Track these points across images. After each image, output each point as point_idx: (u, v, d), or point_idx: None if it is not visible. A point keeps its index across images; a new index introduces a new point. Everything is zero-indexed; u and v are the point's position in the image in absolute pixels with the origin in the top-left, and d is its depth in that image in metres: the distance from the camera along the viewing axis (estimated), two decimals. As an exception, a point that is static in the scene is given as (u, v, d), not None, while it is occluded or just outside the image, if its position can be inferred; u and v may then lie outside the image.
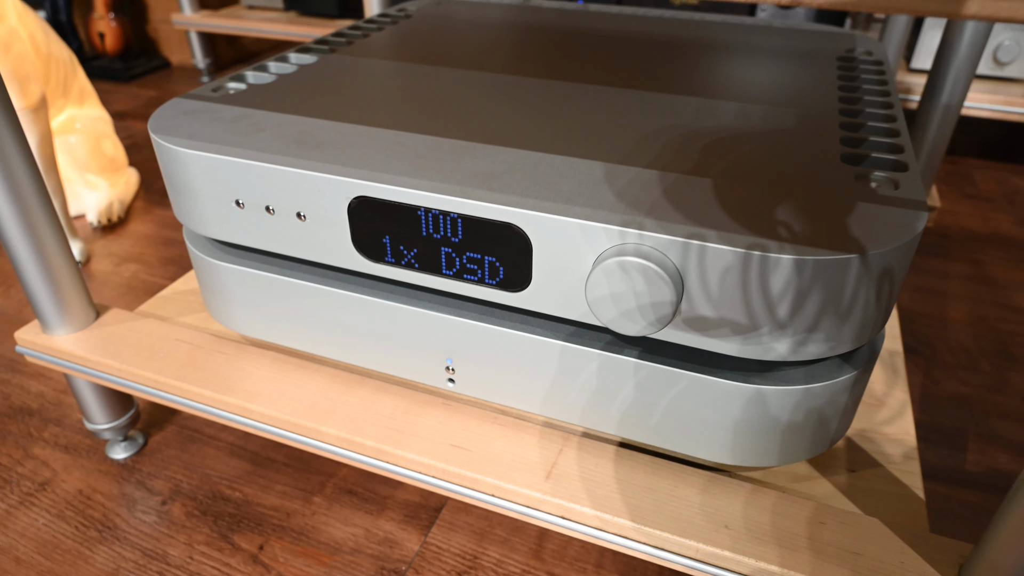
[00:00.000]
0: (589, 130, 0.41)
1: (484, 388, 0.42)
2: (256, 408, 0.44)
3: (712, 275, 0.32)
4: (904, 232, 0.32)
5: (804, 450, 0.38)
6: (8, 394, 0.64)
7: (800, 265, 0.30)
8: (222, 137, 0.41)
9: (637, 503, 0.38)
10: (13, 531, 0.52)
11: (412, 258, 0.38)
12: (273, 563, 0.50)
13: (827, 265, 0.30)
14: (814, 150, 0.39)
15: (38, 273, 0.47)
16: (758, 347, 0.33)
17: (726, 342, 0.34)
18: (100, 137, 0.88)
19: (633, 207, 0.33)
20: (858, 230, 0.32)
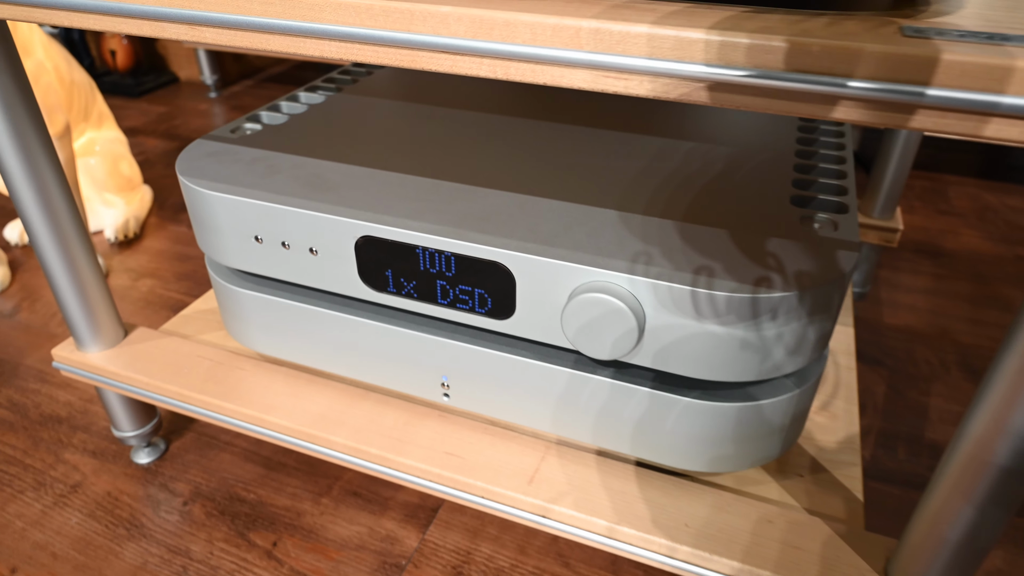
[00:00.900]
0: (568, 172, 0.47)
1: (475, 402, 0.47)
2: (271, 419, 0.50)
3: (668, 309, 0.37)
4: (834, 272, 0.37)
5: (757, 458, 0.43)
6: (39, 403, 0.70)
7: (740, 302, 0.36)
8: (242, 179, 0.46)
9: (609, 504, 0.43)
10: (49, 529, 0.57)
11: (411, 289, 0.43)
12: (285, 558, 0.55)
13: (763, 302, 0.36)
14: (768, 192, 0.44)
15: (74, 297, 0.52)
16: (712, 370, 0.39)
17: (683, 365, 0.39)
18: (118, 158, 0.93)
19: (602, 248, 0.39)
20: (794, 269, 0.37)
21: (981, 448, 0.32)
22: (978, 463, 0.32)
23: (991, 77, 0.22)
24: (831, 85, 0.24)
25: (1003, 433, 0.31)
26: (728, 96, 0.26)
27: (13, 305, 0.84)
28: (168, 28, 0.34)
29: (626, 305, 0.37)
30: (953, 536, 0.35)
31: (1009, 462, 0.31)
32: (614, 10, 0.27)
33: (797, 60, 0.24)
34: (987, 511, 0.33)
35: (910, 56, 0.23)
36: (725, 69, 0.25)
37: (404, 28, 0.29)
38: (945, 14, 0.29)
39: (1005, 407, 0.30)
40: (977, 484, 0.33)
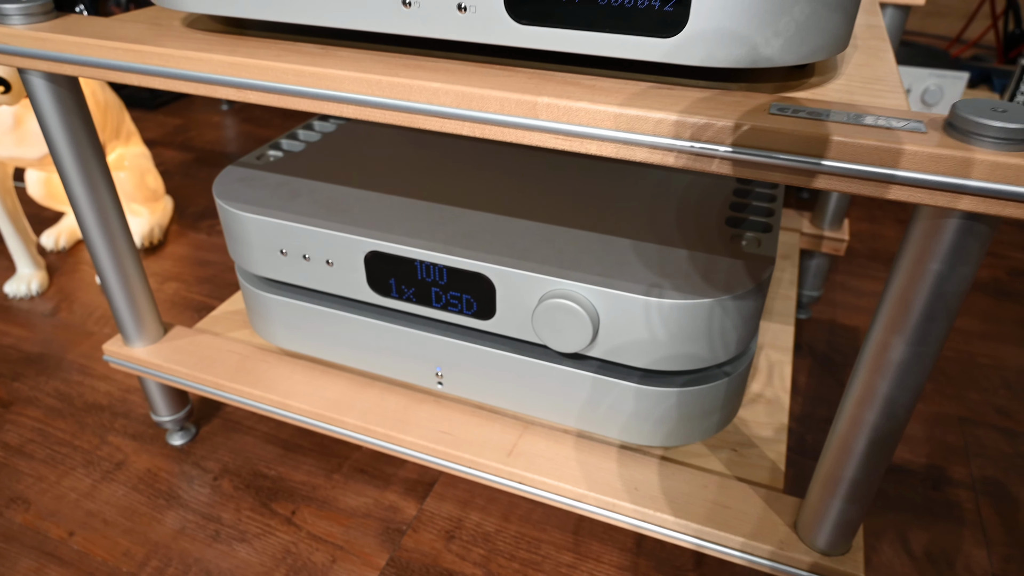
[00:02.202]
0: (541, 197, 0.56)
1: (464, 389, 0.56)
2: (292, 403, 0.59)
3: (617, 312, 0.46)
4: (752, 281, 0.46)
5: (696, 435, 0.52)
6: (82, 393, 0.79)
7: (675, 306, 0.45)
8: (269, 202, 0.55)
9: (574, 473, 0.52)
10: (99, 500, 0.66)
11: (411, 294, 0.52)
12: (303, 524, 0.64)
13: (694, 306, 0.45)
14: (708, 215, 0.53)
15: (124, 301, 0.61)
16: (654, 361, 0.48)
17: (631, 357, 0.48)
18: (144, 172, 1.02)
19: (566, 262, 0.48)
20: (721, 278, 0.46)
21: (853, 423, 0.41)
22: (851, 435, 0.41)
23: (818, 146, 0.31)
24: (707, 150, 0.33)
25: (868, 409, 0.40)
26: (633, 151, 0.35)
27: (53, 306, 0.93)
28: (219, 90, 0.43)
29: (583, 308, 0.46)
30: (839, 493, 0.44)
31: (873, 433, 0.40)
32: (561, 87, 0.36)
33: (684, 131, 0.33)
34: (860, 472, 0.42)
35: (766, 130, 0.32)
36: (633, 135, 0.34)
37: (404, 98, 0.38)
38: (816, 87, 0.38)
39: (868, 388, 0.39)
40: (851, 451, 0.42)
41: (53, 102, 0.51)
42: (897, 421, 0.40)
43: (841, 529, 0.45)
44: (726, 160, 0.33)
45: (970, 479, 0.69)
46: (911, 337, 0.36)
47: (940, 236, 0.33)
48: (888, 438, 0.40)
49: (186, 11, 0.47)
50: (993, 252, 1.07)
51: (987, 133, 0.30)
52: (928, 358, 0.37)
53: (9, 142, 0.82)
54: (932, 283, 0.34)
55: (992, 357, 0.85)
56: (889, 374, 0.38)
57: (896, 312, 0.36)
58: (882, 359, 0.38)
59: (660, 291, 0.45)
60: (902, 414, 0.39)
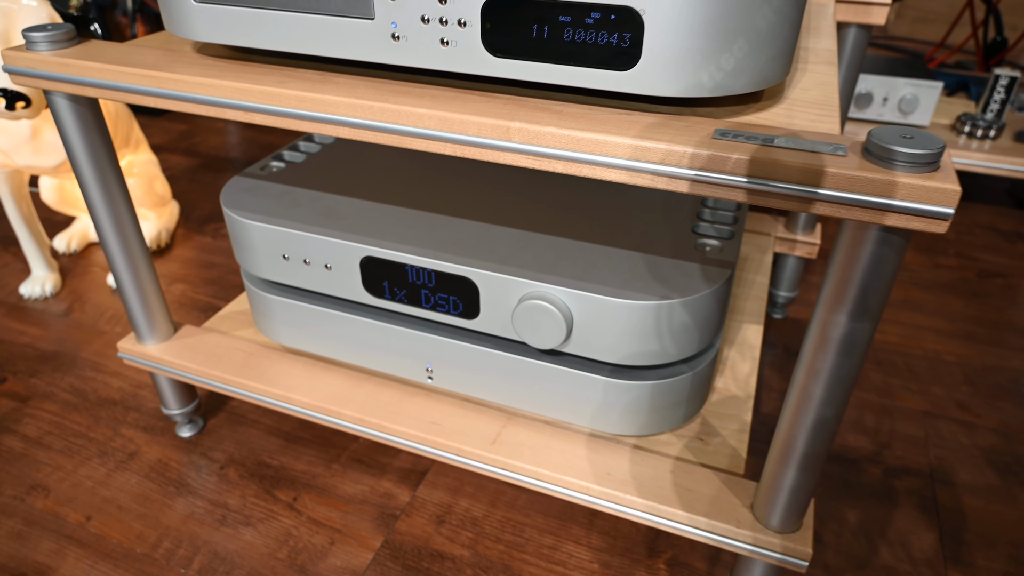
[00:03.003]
0: (521, 206, 0.60)
1: (452, 383, 0.61)
2: (294, 396, 0.63)
3: (589, 312, 0.51)
4: (712, 283, 0.51)
5: (664, 425, 0.57)
6: (96, 388, 0.84)
7: (641, 307, 0.49)
8: (273, 211, 0.60)
9: (551, 459, 0.57)
10: (114, 487, 0.71)
11: (402, 296, 0.57)
12: (304, 509, 0.69)
13: (659, 307, 0.49)
14: (676, 223, 0.58)
15: (137, 301, 0.66)
16: (623, 357, 0.52)
17: (602, 353, 0.53)
18: (152, 179, 1.07)
19: (543, 266, 0.53)
20: (683, 281, 0.51)
21: (796, 413, 0.46)
22: (795, 424, 0.46)
23: (750, 167, 0.36)
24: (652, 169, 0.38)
25: (808, 400, 0.44)
26: (594, 170, 0.39)
27: (66, 307, 0.98)
28: (227, 112, 0.47)
29: (558, 309, 0.51)
30: (788, 474, 0.48)
31: (813, 422, 0.45)
32: (532, 112, 0.41)
33: (635, 153, 0.38)
34: (805, 454, 0.47)
35: (707, 153, 0.37)
36: (590, 155, 0.39)
37: (393, 122, 0.43)
38: (761, 111, 0.43)
39: (808, 379, 0.44)
40: (797, 433, 0.46)
41: (75, 120, 0.56)
42: (836, 400, 0.44)
43: (792, 509, 0.50)
44: (670, 178, 0.38)
45: (928, 468, 0.74)
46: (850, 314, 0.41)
47: (862, 243, 0.38)
48: (828, 417, 0.45)
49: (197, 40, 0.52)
50: (964, 255, 1.12)
51: (897, 157, 0.35)
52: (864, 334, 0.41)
53: (27, 151, 0.87)
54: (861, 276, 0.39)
55: (957, 355, 0.90)
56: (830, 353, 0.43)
57: (834, 295, 0.41)
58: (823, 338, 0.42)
59: (627, 293, 0.50)
60: (841, 393, 0.44)
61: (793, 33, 0.40)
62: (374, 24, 0.43)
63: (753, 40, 0.38)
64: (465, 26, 0.41)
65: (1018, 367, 0.88)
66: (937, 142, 0.35)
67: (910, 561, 0.64)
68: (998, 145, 1.14)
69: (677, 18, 0.37)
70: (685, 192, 0.39)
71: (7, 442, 0.76)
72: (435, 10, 0.41)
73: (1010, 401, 0.82)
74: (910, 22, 2.28)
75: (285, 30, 0.46)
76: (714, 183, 0.37)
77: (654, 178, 0.38)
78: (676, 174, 0.38)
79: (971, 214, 1.24)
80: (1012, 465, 0.74)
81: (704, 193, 0.38)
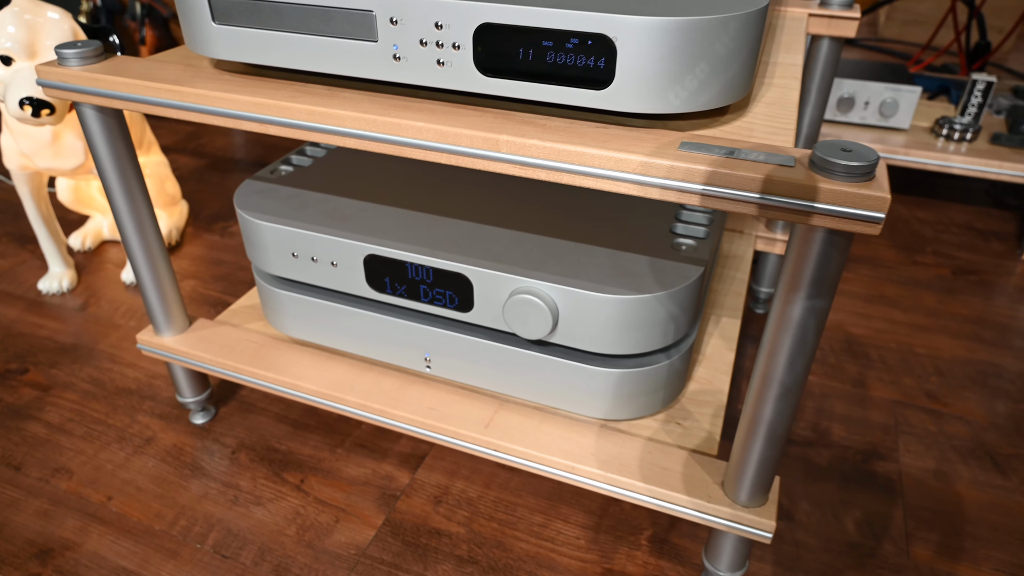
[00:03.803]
0: (513, 207, 0.65)
1: (449, 371, 0.66)
2: (302, 384, 0.68)
3: (573, 306, 0.56)
4: (684, 279, 0.56)
5: (644, 409, 0.62)
6: (113, 378, 0.89)
7: (620, 300, 0.54)
8: (283, 212, 0.65)
9: (539, 441, 0.62)
10: (132, 470, 0.76)
11: (402, 291, 0.62)
12: (310, 490, 0.74)
13: (636, 300, 0.54)
14: (657, 224, 0.63)
15: (156, 295, 0.71)
16: (606, 347, 0.57)
17: (586, 343, 0.58)
18: (163, 180, 1.12)
19: (532, 263, 0.57)
20: (659, 277, 0.56)
21: (760, 391, 0.50)
22: (759, 402, 0.51)
23: (708, 177, 0.41)
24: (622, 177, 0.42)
25: (768, 386, 0.49)
26: (573, 178, 0.44)
27: (82, 302, 1.03)
28: (244, 124, 0.52)
29: (545, 302, 0.56)
30: (753, 453, 0.53)
31: (775, 398, 0.50)
32: (519, 126, 0.46)
33: (606, 163, 0.43)
34: (767, 436, 0.52)
35: (672, 164, 0.41)
36: (569, 165, 0.43)
37: (394, 134, 0.48)
38: (725, 124, 0.47)
39: (770, 359, 0.49)
40: (759, 417, 0.51)
41: (101, 128, 0.61)
42: (795, 379, 0.49)
43: (758, 485, 0.55)
44: (640, 185, 0.43)
45: (897, 453, 0.78)
46: (804, 301, 0.46)
47: (810, 242, 0.43)
48: (788, 392, 0.50)
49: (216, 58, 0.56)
50: (941, 253, 1.17)
51: (836, 168, 0.40)
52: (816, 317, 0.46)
53: (48, 154, 0.91)
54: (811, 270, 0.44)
55: (929, 347, 0.95)
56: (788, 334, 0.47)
57: (789, 285, 0.46)
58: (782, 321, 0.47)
59: (608, 288, 0.55)
60: (799, 370, 0.49)
61: (751, 56, 0.45)
62: (378, 46, 0.48)
63: (714, 63, 0.43)
64: (459, 49, 0.46)
65: (986, 359, 0.93)
66: (871, 155, 0.40)
67: (874, 538, 0.69)
68: (974, 147, 1.19)
69: (645, 45, 0.42)
70: (655, 198, 0.43)
71: (31, 428, 0.81)
72: (432, 34, 0.46)
73: (976, 391, 0.87)
74: (900, 24, 2.33)
75: (297, 50, 0.51)
76: (677, 190, 0.42)
77: (626, 185, 0.43)
78: (645, 182, 0.43)
79: (950, 213, 1.29)
80: (974, 450, 0.79)
81: (669, 199, 0.43)
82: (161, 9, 1.63)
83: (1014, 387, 0.88)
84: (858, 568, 0.66)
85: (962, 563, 0.67)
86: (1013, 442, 0.80)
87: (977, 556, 0.67)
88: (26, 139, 0.90)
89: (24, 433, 0.81)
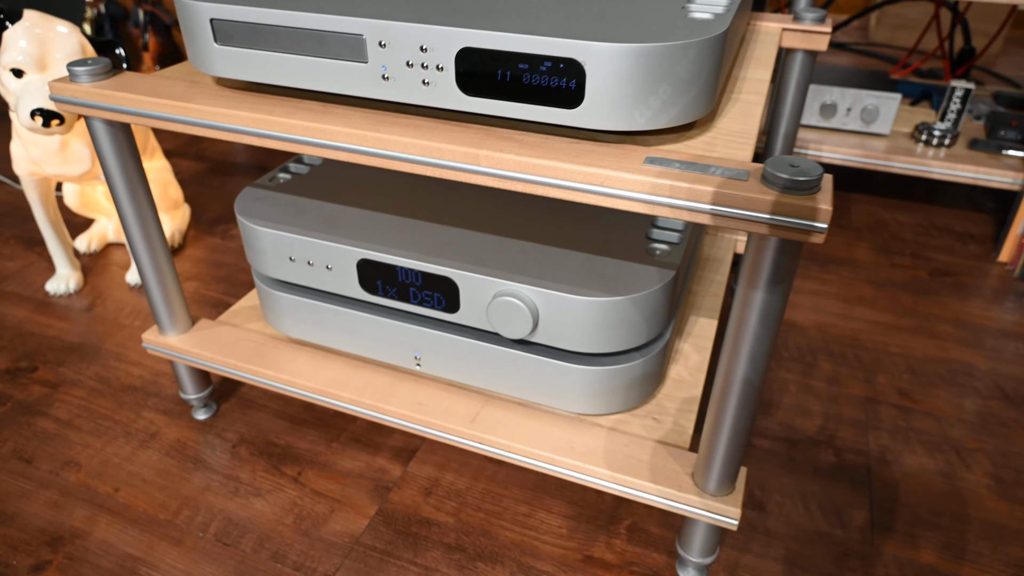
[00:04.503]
0: (497, 215, 0.69)
1: (438, 369, 0.70)
2: (299, 381, 0.72)
3: (552, 307, 0.60)
4: (656, 282, 0.60)
5: (620, 405, 0.66)
6: (119, 376, 0.92)
7: (592, 303, 0.58)
8: (281, 219, 0.69)
9: (522, 434, 0.65)
10: (138, 463, 0.80)
11: (393, 293, 0.66)
12: (307, 482, 0.78)
13: (610, 302, 0.58)
14: (634, 230, 0.67)
15: (161, 297, 0.75)
16: (583, 345, 0.61)
17: (565, 342, 0.61)
18: (167, 184, 1.16)
19: (513, 267, 0.61)
20: (631, 280, 0.59)
21: (722, 394, 0.54)
22: (722, 403, 0.55)
23: (668, 190, 0.45)
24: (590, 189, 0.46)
25: (731, 382, 0.53)
26: (547, 190, 0.48)
27: (88, 303, 1.07)
28: (244, 138, 0.56)
29: (525, 304, 0.59)
30: (719, 446, 0.57)
31: (737, 401, 0.54)
32: (497, 141, 0.50)
33: (575, 176, 0.46)
34: (732, 428, 0.55)
35: (637, 180, 0.45)
36: (542, 178, 0.47)
37: (383, 148, 0.51)
38: (690, 139, 0.51)
39: (732, 353, 0.53)
40: (724, 411, 0.55)
41: (109, 140, 0.64)
42: (756, 373, 0.53)
43: (724, 475, 0.59)
44: (608, 197, 0.46)
45: (866, 447, 0.82)
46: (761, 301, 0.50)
47: (764, 249, 0.46)
48: (749, 388, 0.54)
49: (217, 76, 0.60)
50: (919, 255, 1.20)
51: (784, 183, 0.43)
52: (772, 315, 0.50)
53: (56, 161, 0.95)
54: (766, 273, 0.48)
55: (903, 347, 0.99)
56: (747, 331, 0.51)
57: (747, 286, 0.50)
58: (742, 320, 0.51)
59: (585, 291, 0.59)
60: (759, 365, 0.52)
61: (712, 77, 0.49)
62: (368, 67, 0.52)
63: (675, 85, 0.47)
64: (442, 70, 0.50)
65: (957, 358, 0.97)
66: (815, 171, 0.43)
67: (842, 527, 0.73)
68: (952, 153, 1.23)
69: (612, 69, 0.45)
70: (622, 208, 0.47)
71: (41, 424, 0.85)
72: (417, 57, 0.50)
73: (945, 388, 0.91)
74: (890, 28, 2.37)
75: (293, 69, 0.54)
76: (640, 201, 0.46)
77: (595, 197, 0.47)
78: (611, 194, 0.46)
79: (930, 216, 1.33)
80: (941, 445, 0.83)
81: (634, 209, 0.47)
82: (163, 16, 1.67)
83: (982, 385, 0.92)
84: (825, 555, 0.70)
85: (923, 550, 0.70)
86: (978, 437, 0.84)
87: (936, 543, 0.71)
88: (35, 147, 0.94)
89: (34, 428, 0.84)
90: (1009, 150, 1.23)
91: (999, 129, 1.26)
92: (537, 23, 0.48)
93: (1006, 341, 1.00)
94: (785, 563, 0.69)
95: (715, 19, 0.50)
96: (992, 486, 0.77)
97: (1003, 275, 1.15)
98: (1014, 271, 1.15)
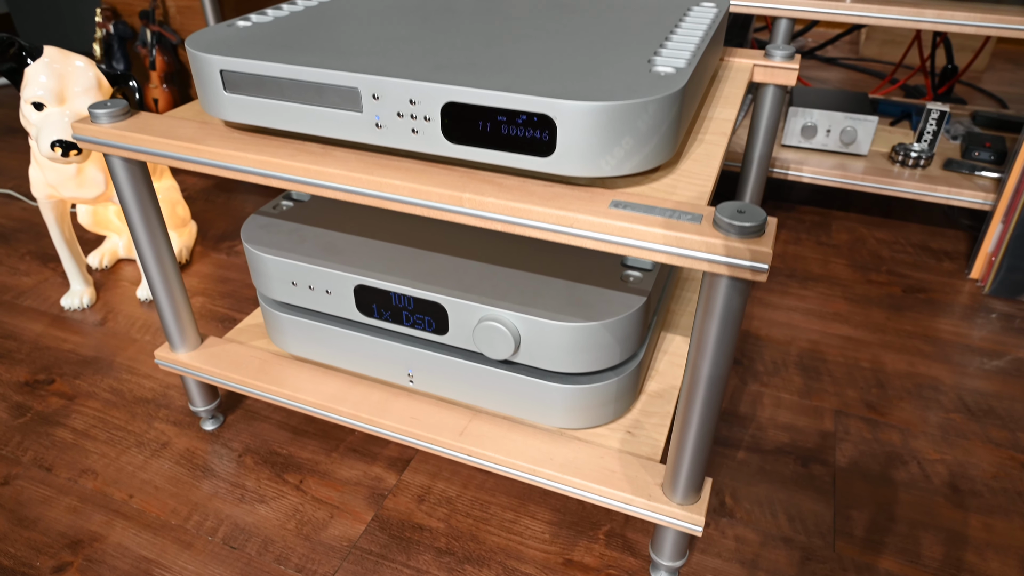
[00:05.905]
0: (484, 244, 0.75)
1: (430, 386, 0.75)
2: (301, 396, 0.78)
3: (532, 331, 0.65)
4: (627, 309, 0.65)
5: (596, 421, 0.71)
6: (131, 389, 0.98)
7: (568, 328, 0.64)
8: (284, 246, 0.74)
9: (506, 447, 0.71)
10: (150, 471, 0.85)
11: (388, 315, 0.71)
12: (308, 490, 0.83)
13: (582, 328, 0.64)
14: (609, 258, 0.72)
15: (172, 316, 0.80)
16: (561, 366, 0.66)
17: (545, 363, 0.67)
18: (175, 203, 1.21)
19: (498, 294, 0.67)
20: (604, 306, 0.65)
21: (685, 412, 0.60)
22: (685, 420, 0.60)
23: (625, 232, 0.50)
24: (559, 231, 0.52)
25: (692, 401, 0.58)
26: (524, 229, 0.53)
27: (101, 317, 1.13)
28: (251, 178, 0.62)
29: (508, 328, 0.65)
30: (684, 460, 0.62)
31: (699, 418, 0.59)
32: (479, 185, 0.55)
33: (547, 218, 0.52)
34: (694, 446, 0.61)
35: (602, 223, 0.51)
36: (518, 219, 0.53)
37: (376, 190, 0.57)
38: (654, 182, 0.57)
39: (691, 385, 0.58)
40: (685, 431, 0.60)
41: (126, 174, 0.70)
42: (714, 394, 0.58)
43: (690, 486, 0.64)
44: (577, 237, 0.52)
45: (833, 458, 0.88)
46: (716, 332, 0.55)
47: (715, 286, 0.52)
48: (709, 408, 0.59)
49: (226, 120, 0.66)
50: (894, 272, 1.26)
51: (730, 228, 0.49)
52: (726, 343, 0.55)
53: (72, 186, 1.01)
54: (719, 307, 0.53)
55: (873, 362, 1.04)
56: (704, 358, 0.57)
57: (703, 318, 0.55)
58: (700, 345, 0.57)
59: (562, 316, 0.64)
60: (718, 381, 0.58)
61: (672, 128, 0.54)
62: (362, 116, 0.57)
63: (637, 137, 0.52)
64: (429, 121, 0.55)
65: (924, 372, 1.02)
66: (760, 216, 0.49)
67: (805, 533, 0.78)
68: (927, 173, 1.28)
69: (579, 123, 0.51)
70: (590, 248, 0.53)
71: (60, 434, 0.91)
72: (407, 108, 0.55)
73: (911, 402, 0.96)
74: (879, 44, 2.42)
75: (296, 116, 0.60)
76: (605, 242, 0.51)
77: (567, 237, 0.53)
78: (581, 235, 0.52)
79: (907, 233, 1.38)
80: (903, 455, 0.88)
81: (601, 248, 0.52)
82: (170, 36, 1.73)
83: (946, 398, 0.97)
84: (788, 559, 0.75)
85: (882, 556, 0.76)
86: (939, 448, 0.89)
87: (895, 549, 0.76)
88: (52, 172, 1.00)
89: (53, 438, 0.90)
90: (982, 171, 1.28)
91: (973, 150, 1.32)
92: (514, 79, 0.54)
93: (972, 356, 1.05)
94: (751, 567, 0.74)
95: (676, 73, 0.56)
96: (949, 495, 0.83)
97: (974, 291, 1.20)
98: (984, 287, 1.20)
